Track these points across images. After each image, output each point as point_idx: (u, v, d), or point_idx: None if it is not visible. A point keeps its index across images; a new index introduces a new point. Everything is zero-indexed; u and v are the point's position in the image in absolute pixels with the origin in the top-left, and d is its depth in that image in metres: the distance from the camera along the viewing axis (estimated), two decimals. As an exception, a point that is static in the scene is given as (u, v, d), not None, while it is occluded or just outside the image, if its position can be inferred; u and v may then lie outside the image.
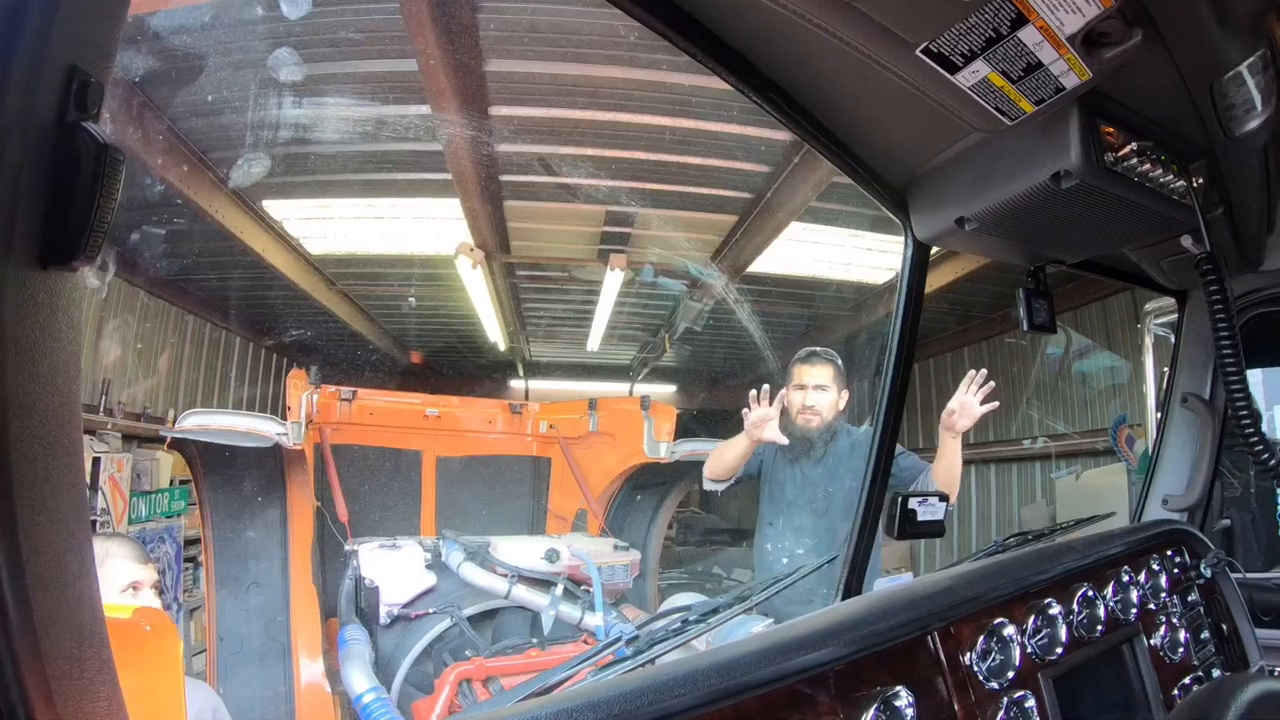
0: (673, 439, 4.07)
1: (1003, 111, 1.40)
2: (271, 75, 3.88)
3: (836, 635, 1.41)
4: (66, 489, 0.59)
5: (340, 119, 4.33)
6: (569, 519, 4.76)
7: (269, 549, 3.79)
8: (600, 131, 4.51)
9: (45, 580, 0.56)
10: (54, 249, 0.58)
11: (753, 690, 1.23)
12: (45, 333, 0.58)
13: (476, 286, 6.22)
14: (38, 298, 0.57)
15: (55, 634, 0.58)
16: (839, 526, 3.31)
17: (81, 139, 0.59)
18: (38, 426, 0.57)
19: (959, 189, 1.76)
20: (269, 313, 7.22)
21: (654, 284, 6.22)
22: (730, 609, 1.80)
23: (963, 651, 1.66)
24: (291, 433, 3.42)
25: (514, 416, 5.08)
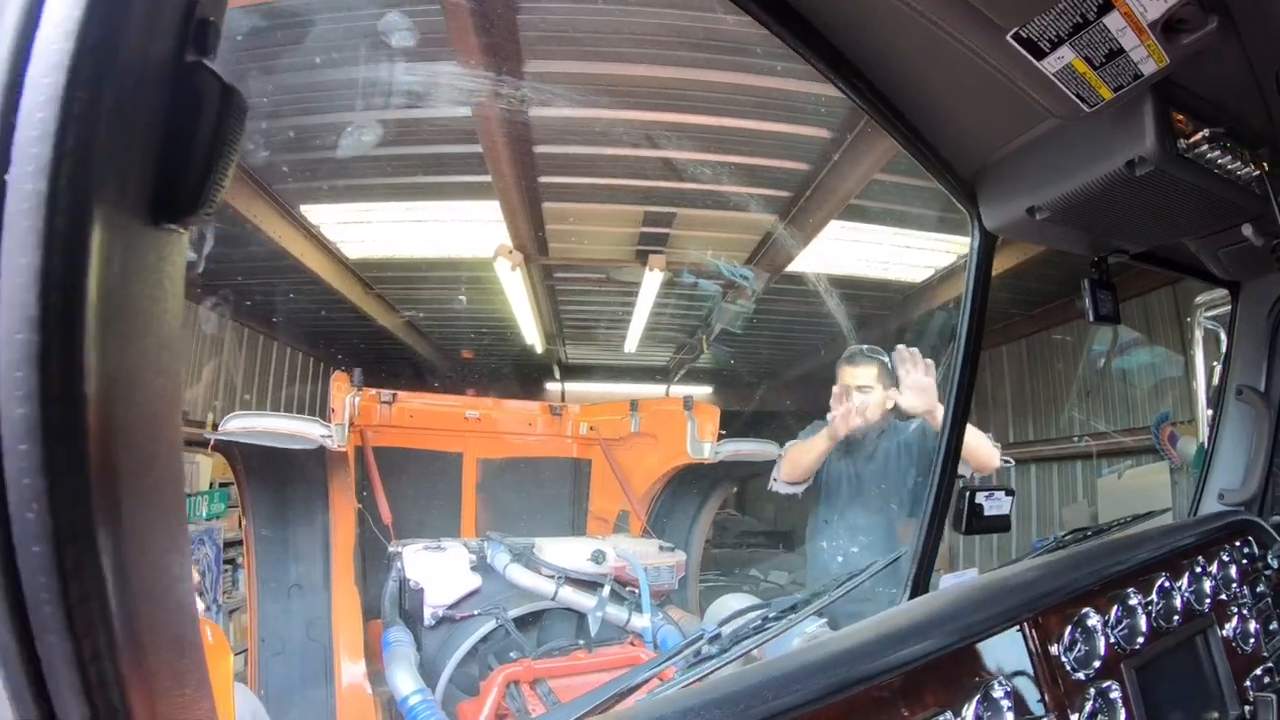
0: (716, 439, 4.03)
1: (1083, 98, 1.38)
2: (308, 79, 3.88)
3: (938, 626, 1.43)
4: (169, 481, 0.54)
5: (379, 122, 4.32)
6: (610, 520, 4.74)
7: (311, 551, 3.78)
8: (638, 131, 4.48)
9: (149, 585, 0.51)
10: (169, 203, 0.52)
11: (864, 683, 1.23)
12: (153, 300, 0.52)
13: (515, 289, 6.21)
14: (148, 259, 0.52)
15: (160, 648, 0.52)
16: (892, 524, 3.28)
17: (203, 80, 0.54)
18: (142, 409, 0.51)
19: (1031, 177, 1.75)
20: (307, 317, 7.24)
21: (693, 285, 6.18)
22: (808, 605, 1.76)
23: (1051, 642, 1.68)
24: (335, 435, 3.41)
25: (554, 418, 5.07)
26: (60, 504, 0.45)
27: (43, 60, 0.45)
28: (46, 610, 0.46)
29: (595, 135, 4.55)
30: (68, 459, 0.46)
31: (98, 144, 0.46)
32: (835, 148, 4.49)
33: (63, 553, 0.45)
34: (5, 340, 0.44)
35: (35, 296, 0.44)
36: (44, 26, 0.46)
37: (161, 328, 0.53)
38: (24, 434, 0.44)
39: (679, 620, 3.56)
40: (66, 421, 0.45)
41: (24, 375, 0.44)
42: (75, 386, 0.46)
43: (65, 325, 0.45)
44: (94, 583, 0.47)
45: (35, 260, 0.44)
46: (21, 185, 0.44)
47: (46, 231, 0.44)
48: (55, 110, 0.44)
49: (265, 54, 3.67)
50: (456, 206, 5.29)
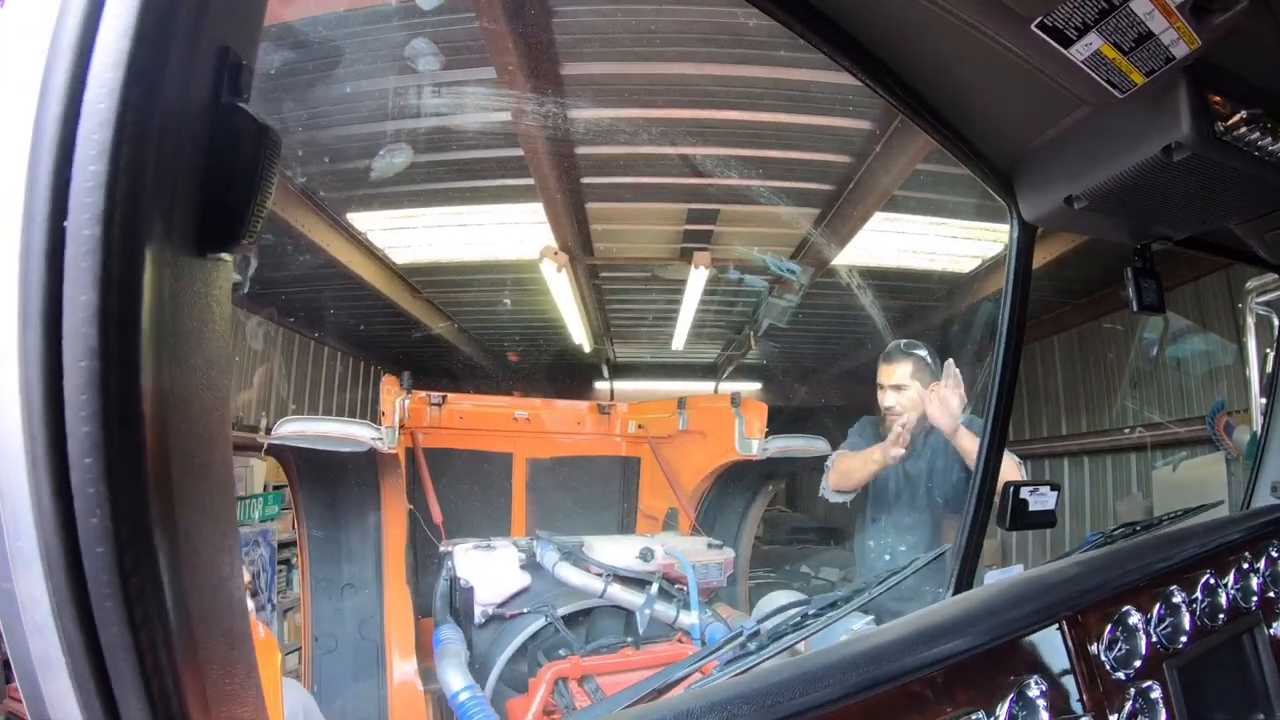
0: (764, 436, 4.02)
1: (1114, 84, 1.38)
2: (349, 90, 3.95)
3: (974, 623, 1.42)
4: (220, 487, 0.59)
5: (421, 130, 4.38)
6: (659, 518, 4.75)
7: (363, 551, 3.86)
8: (678, 129, 4.48)
9: (201, 583, 0.56)
10: (213, 234, 0.57)
11: (898, 679, 1.24)
12: (201, 324, 0.57)
13: (561, 289, 6.24)
14: (195, 286, 0.57)
15: (212, 639, 0.57)
16: (938, 521, 3.25)
17: (239, 121, 0.58)
18: (194, 421, 0.56)
19: (1067, 166, 1.74)
20: (356, 322, 7.36)
21: (739, 281, 6.16)
22: (850, 603, 1.76)
23: (1090, 641, 1.67)
24: (386, 437, 3.47)
25: (602, 417, 5.10)
26: (121, 511, 0.50)
27: (92, 116, 0.50)
28: (108, 606, 0.51)
29: (635, 135, 4.56)
30: (127, 470, 0.50)
31: (145, 188, 0.51)
32: (877, 139, 4.45)
33: (123, 554, 0.50)
34: (70, 367, 0.49)
35: (95, 329, 0.49)
36: (91, 85, 0.50)
37: (210, 347, 0.59)
38: (88, 449, 0.49)
39: (728, 617, 3.56)
40: (125, 437, 0.50)
41: (87, 398, 0.49)
42: (133, 406, 0.51)
43: (122, 352, 0.50)
44: (151, 580, 0.52)
45: (93, 298, 0.49)
46: (79, 231, 0.49)
47: (102, 271, 0.49)
48: (105, 163, 0.49)
49: (307, 68, 3.74)
50: (500, 209, 5.33)
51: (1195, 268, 5.84)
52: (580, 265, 6.09)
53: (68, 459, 0.50)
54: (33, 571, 0.53)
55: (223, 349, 0.60)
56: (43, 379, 0.50)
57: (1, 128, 0.54)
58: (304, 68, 3.75)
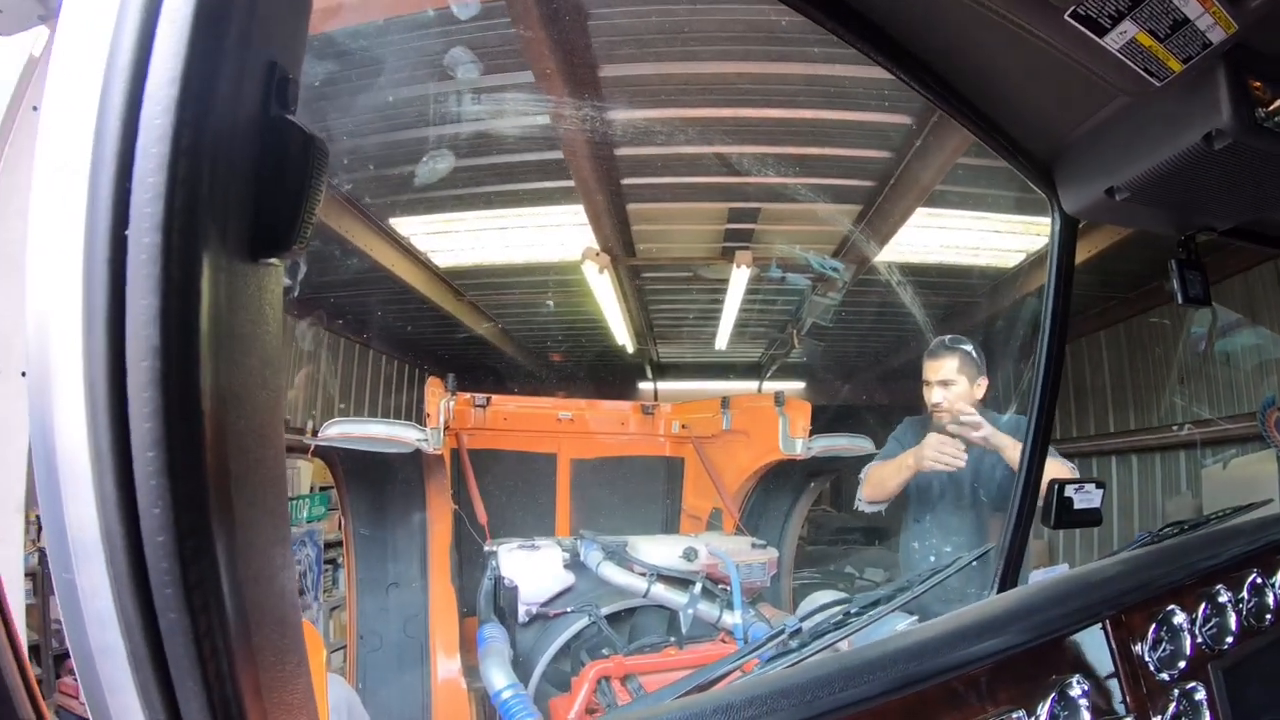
0: (808, 435, 4.01)
1: (1151, 72, 1.37)
2: (390, 96, 4.00)
3: (1015, 621, 1.40)
4: (273, 482, 0.62)
5: (461, 135, 4.42)
6: (703, 518, 4.75)
7: (409, 550, 3.91)
8: (716, 128, 4.48)
9: (255, 573, 0.59)
10: (265, 240, 0.60)
11: (939, 676, 1.23)
12: (255, 325, 0.60)
13: (604, 291, 6.26)
14: (249, 289, 0.60)
15: (265, 626, 0.60)
16: (985, 521, 3.21)
17: (288, 132, 0.61)
18: (250, 419, 0.59)
19: (1107, 157, 1.72)
20: (401, 326, 7.44)
21: (781, 279, 6.14)
22: (892, 601, 1.76)
23: (1134, 641, 1.64)
24: (431, 438, 3.51)
25: (646, 417, 5.10)
26: (181, 502, 0.53)
27: (150, 131, 0.53)
28: (168, 592, 0.54)
29: (674, 135, 4.56)
30: (187, 464, 0.53)
31: (201, 197, 0.54)
32: (917, 134, 4.42)
33: (183, 543, 0.53)
34: (133, 366, 0.52)
35: (156, 330, 0.52)
36: (147, 101, 0.53)
37: (264, 348, 0.62)
38: (151, 443, 0.52)
39: (771, 617, 3.54)
40: (185, 433, 0.53)
41: (150, 395, 0.52)
42: (192, 403, 0.54)
43: (182, 352, 0.53)
44: (209, 569, 0.55)
45: (154, 301, 0.52)
46: (140, 239, 0.52)
47: (163, 276, 0.52)
48: (164, 175, 0.52)
49: (348, 79, 3.80)
50: (542, 212, 5.37)
51: (1245, 259, 5.70)
52: (622, 266, 6.11)
53: (131, 454, 0.53)
54: (94, 562, 0.56)
55: (275, 350, 0.63)
56: (106, 378, 0.53)
57: (63, 142, 0.57)
58: (344, 78, 3.81)
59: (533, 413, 4.84)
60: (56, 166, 0.58)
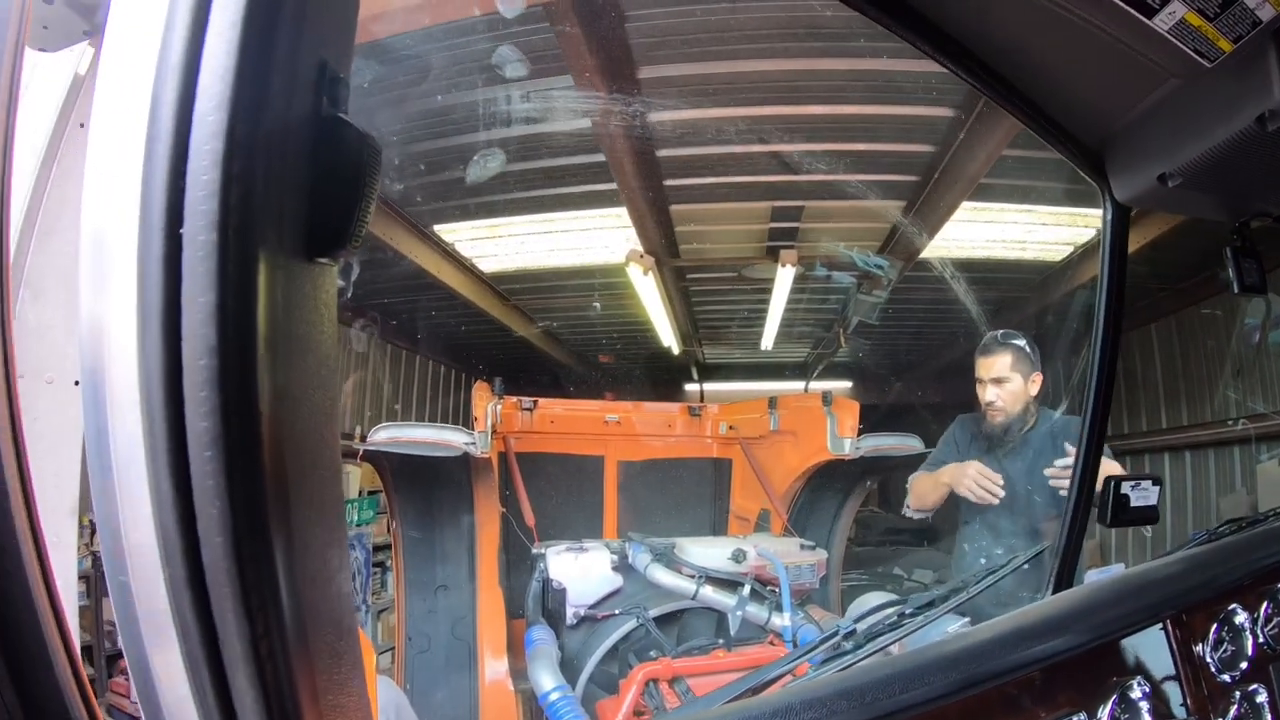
0: (856, 434, 3.97)
1: (1201, 53, 1.34)
2: (431, 105, 4.03)
3: (1075, 622, 1.38)
4: (329, 483, 0.61)
5: (503, 140, 4.44)
6: (751, 519, 4.72)
7: (457, 553, 3.94)
8: (757, 127, 4.46)
9: (312, 574, 0.58)
10: (320, 239, 0.60)
11: (995, 679, 1.20)
12: (311, 325, 0.60)
13: (648, 293, 6.25)
14: (304, 289, 0.59)
15: (321, 629, 0.59)
16: (1039, 522, 3.15)
17: (341, 130, 0.60)
18: (307, 419, 0.59)
19: (1159, 142, 1.68)
20: (447, 331, 7.50)
21: (827, 278, 6.09)
22: (946, 603, 1.73)
23: (1194, 641, 1.59)
24: (479, 442, 3.53)
25: (693, 419, 5.10)
26: (238, 503, 0.53)
27: (203, 127, 0.53)
28: (225, 594, 0.53)
29: (715, 134, 4.55)
30: (244, 464, 0.53)
31: (256, 194, 0.53)
32: (960, 126, 4.36)
33: (241, 544, 0.53)
34: (190, 366, 0.52)
35: (214, 327, 0.51)
36: (200, 98, 0.53)
37: (319, 348, 0.61)
38: (208, 443, 0.52)
39: (820, 619, 3.52)
40: (242, 432, 0.53)
41: (207, 395, 0.52)
42: (250, 402, 0.53)
43: (239, 350, 0.52)
44: (266, 571, 0.54)
45: (212, 298, 0.51)
46: (195, 236, 0.52)
47: (220, 273, 0.51)
48: (218, 172, 0.52)
49: (391, 85, 3.83)
50: (585, 215, 5.38)
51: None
52: (666, 268, 6.11)
53: (188, 454, 0.53)
54: (149, 564, 0.56)
55: (330, 350, 0.63)
56: (162, 377, 0.53)
57: (115, 143, 0.57)
58: (387, 85, 3.84)
59: (579, 415, 4.85)
60: (108, 167, 0.58)
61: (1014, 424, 3.15)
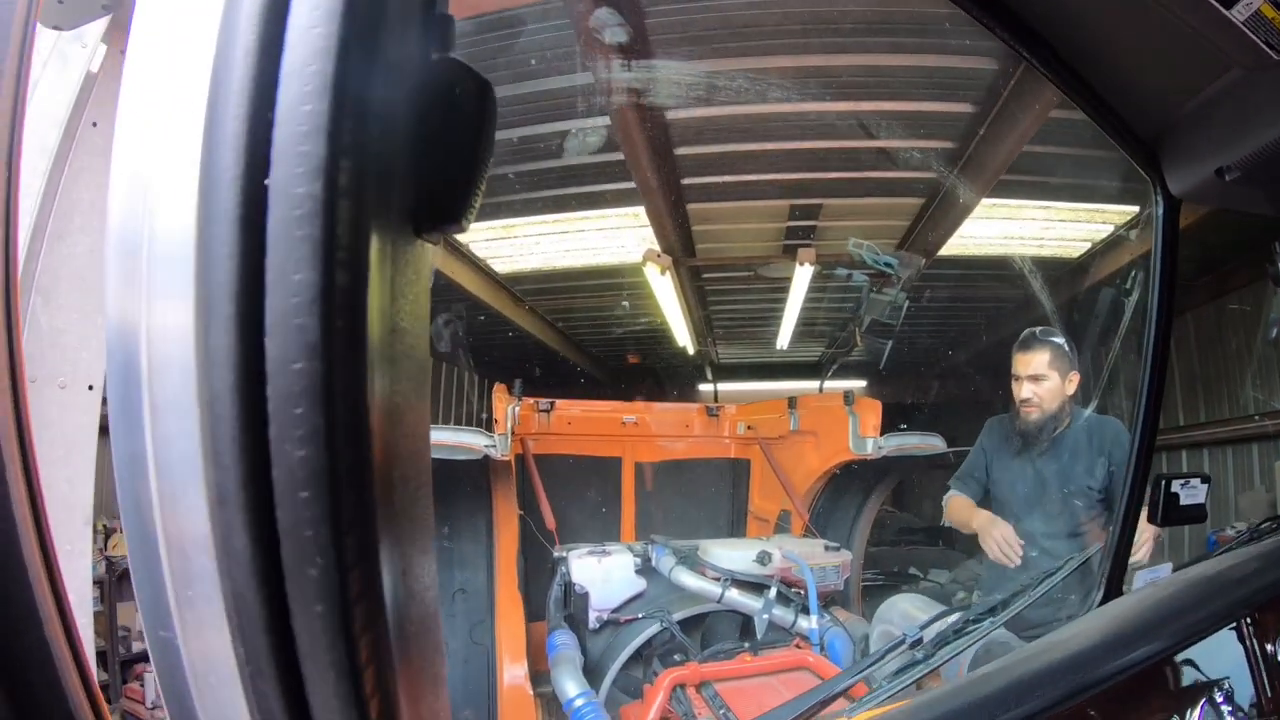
0: (879, 434, 3.92)
1: (1271, 45, 1.30)
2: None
3: (1157, 628, 1.34)
4: (419, 485, 0.49)
5: (518, 139, 4.41)
6: (771, 520, 4.69)
7: (475, 557, 3.92)
8: (775, 124, 4.42)
9: (407, 597, 0.47)
10: (431, 211, 0.47)
11: (1095, 687, 1.16)
12: (414, 319, 0.47)
13: (665, 292, 6.22)
14: (409, 273, 0.46)
15: (418, 674, 0.49)
16: (1073, 524, 3.09)
17: (456, 74, 0.49)
18: (410, 439, 0.47)
19: (1218, 135, 1.63)
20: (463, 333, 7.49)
21: (846, 277, 6.04)
22: (1007, 609, 1.68)
23: (1269, 640, 1.56)
24: (498, 444, 3.50)
25: (710, 419, 5.08)
26: (349, 558, 0.41)
27: (300, 44, 0.41)
28: (322, 642, 0.41)
29: (733, 132, 4.52)
30: (351, 508, 0.41)
31: (367, 141, 0.41)
32: (979, 123, 4.31)
33: (349, 609, 0.41)
34: (277, 370, 0.40)
35: (316, 319, 0.39)
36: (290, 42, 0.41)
37: (418, 348, 0.48)
38: (303, 480, 0.40)
39: (845, 622, 3.48)
40: (352, 463, 0.41)
41: (304, 413, 0.40)
42: (361, 422, 0.42)
43: (349, 351, 0.40)
44: (371, 607, 0.43)
45: (314, 276, 0.39)
46: (291, 190, 0.39)
47: (325, 244, 0.39)
48: (325, 104, 0.40)
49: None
50: (602, 214, 5.34)
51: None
52: (683, 267, 6.07)
53: (273, 496, 0.40)
54: (211, 627, 0.44)
55: (425, 349, 0.49)
56: (235, 389, 0.40)
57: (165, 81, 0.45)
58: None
59: (597, 417, 4.84)
60: (148, 114, 0.45)
61: (1048, 423, 3.08)
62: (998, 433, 3.33)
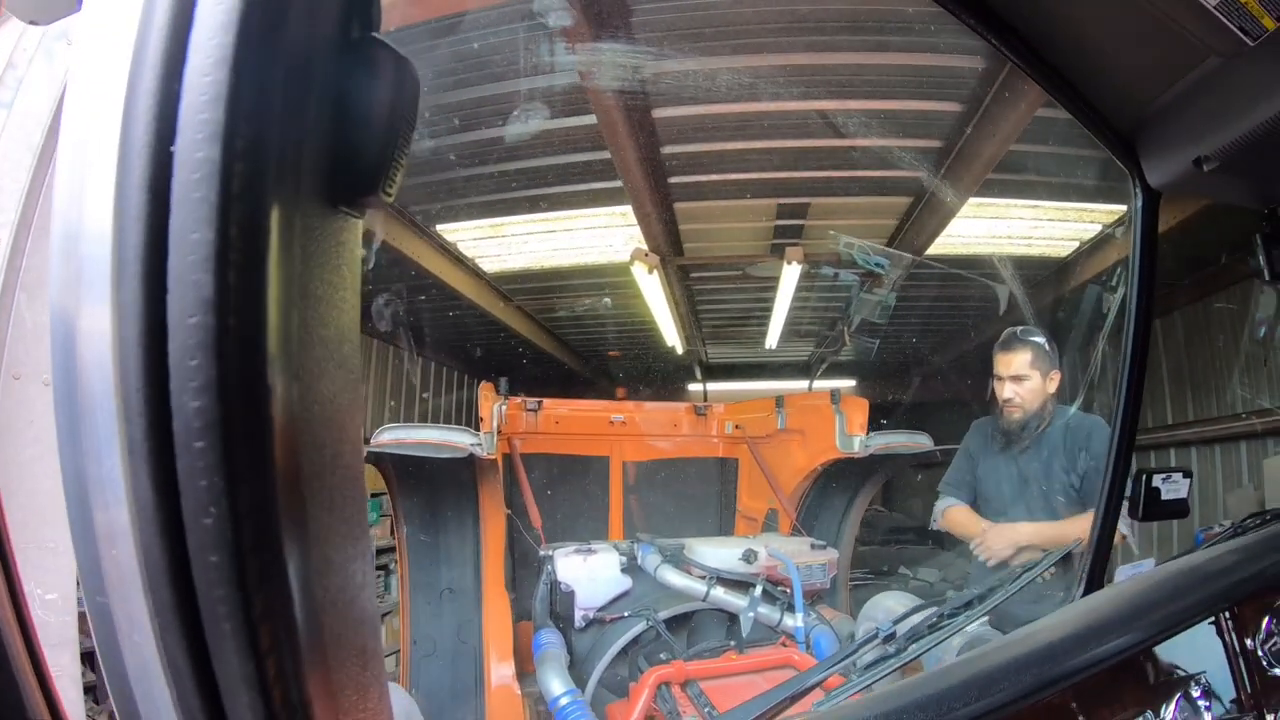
0: (866, 432, 3.91)
1: (1246, 30, 1.29)
2: (434, 101, 3.97)
3: (1131, 621, 1.34)
4: (352, 481, 0.49)
5: (506, 138, 4.39)
6: (759, 519, 4.68)
7: (462, 556, 3.90)
8: (763, 122, 4.42)
9: (334, 595, 0.47)
10: (346, 182, 0.48)
11: (1064, 680, 1.16)
12: (332, 288, 0.48)
13: (653, 291, 6.21)
14: (325, 242, 0.47)
15: (345, 661, 0.48)
16: (1059, 519, 3.11)
17: (376, 52, 0.49)
18: (325, 404, 0.47)
19: (1195, 125, 1.63)
20: (450, 332, 7.47)
21: (833, 276, 6.05)
22: (984, 603, 1.67)
23: (1248, 635, 1.57)
24: (485, 443, 3.48)
25: (698, 418, 5.07)
26: (242, 508, 0.41)
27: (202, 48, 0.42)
28: (225, 628, 0.42)
29: (720, 131, 4.52)
30: (248, 457, 0.41)
31: (270, 110, 0.42)
32: (966, 121, 4.32)
33: (245, 563, 0.41)
34: (177, 325, 0.41)
35: (210, 274, 0.40)
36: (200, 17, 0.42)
37: (341, 318, 0.49)
38: (199, 430, 0.40)
39: (831, 620, 3.47)
40: (248, 415, 0.41)
41: (199, 363, 0.40)
42: (257, 374, 0.42)
43: (245, 306, 0.41)
44: (278, 596, 0.42)
45: (209, 235, 0.40)
46: (192, 153, 0.41)
47: (220, 203, 0.40)
48: (226, 71, 0.41)
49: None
50: (589, 214, 5.34)
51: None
52: (671, 266, 6.07)
53: (173, 444, 0.41)
54: (130, 585, 0.44)
55: (353, 323, 0.50)
56: (141, 339, 0.41)
57: (101, 65, 0.46)
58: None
59: (584, 416, 4.83)
60: (88, 101, 0.46)
61: (1031, 422, 3.10)
62: (981, 435, 3.34)
